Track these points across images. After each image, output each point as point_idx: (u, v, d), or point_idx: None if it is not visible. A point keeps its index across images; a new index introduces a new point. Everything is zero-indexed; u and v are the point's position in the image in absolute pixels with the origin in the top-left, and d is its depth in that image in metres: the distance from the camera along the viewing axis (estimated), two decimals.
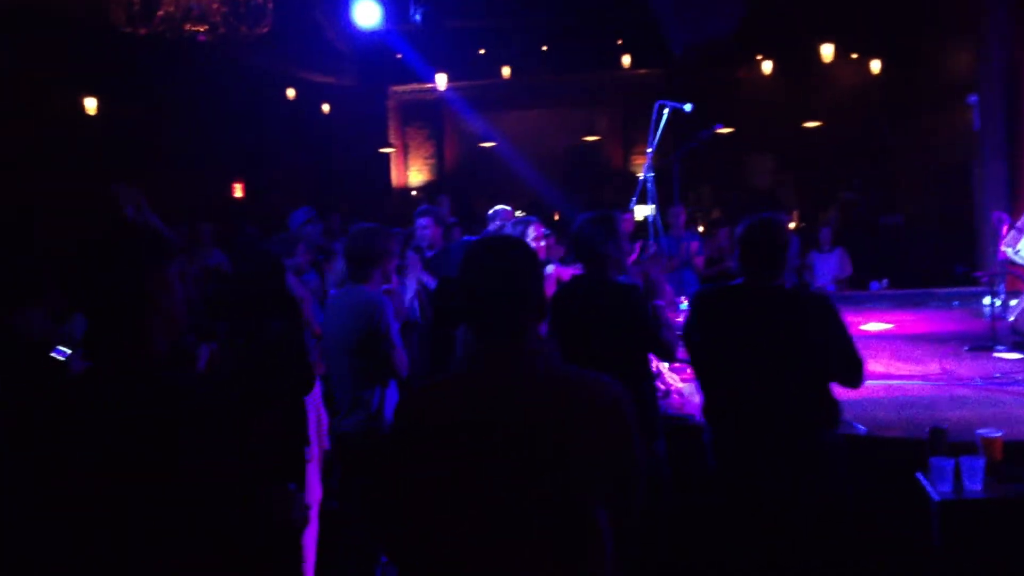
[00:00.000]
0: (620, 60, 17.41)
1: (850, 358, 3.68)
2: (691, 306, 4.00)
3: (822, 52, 14.99)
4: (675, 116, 7.35)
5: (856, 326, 7.75)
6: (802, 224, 14.80)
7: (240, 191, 16.20)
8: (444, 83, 16.14)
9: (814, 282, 10.15)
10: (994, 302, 6.81)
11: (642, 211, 7.96)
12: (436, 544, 2.13)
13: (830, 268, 10.29)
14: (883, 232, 14.11)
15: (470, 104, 17.62)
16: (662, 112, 7.30)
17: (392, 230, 6.00)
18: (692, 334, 3.93)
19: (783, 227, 3.80)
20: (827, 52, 14.99)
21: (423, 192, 18.37)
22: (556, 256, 7.09)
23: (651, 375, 4.32)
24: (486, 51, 17.31)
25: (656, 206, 7.69)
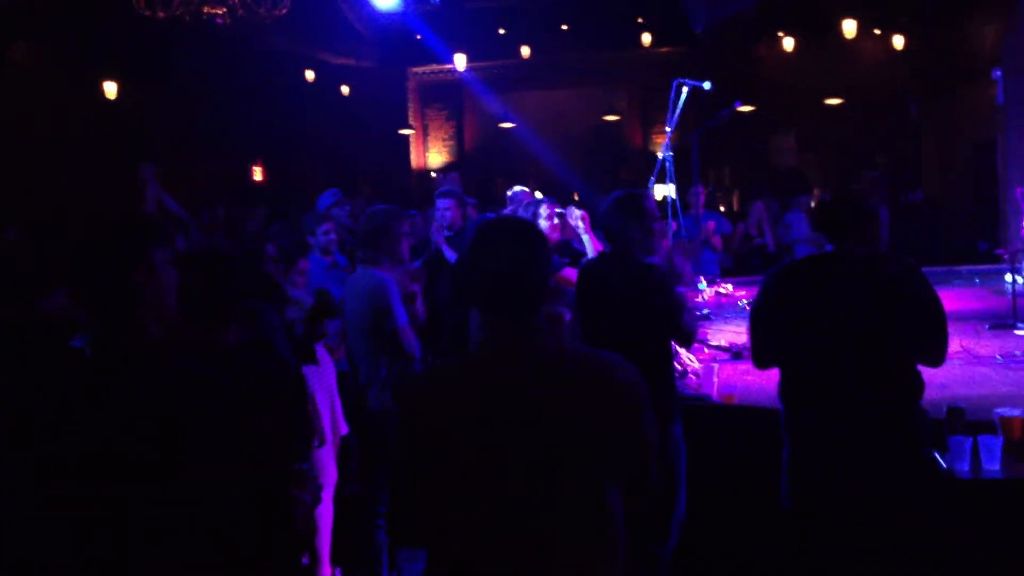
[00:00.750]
0: (640, 38, 17.26)
1: (940, 331, 3.57)
2: (770, 282, 3.70)
3: (844, 28, 14.81)
4: (695, 95, 7.31)
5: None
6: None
7: (259, 174, 16.24)
8: (463, 64, 16.08)
9: None
10: (1016, 279, 6.74)
11: (661, 191, 7.92)
12: (452, 526, 2.15)
13: None
14: (906, 210, 14.00)
15: (489, 84, 17.56)
16: (681, 91, 7.26)
17: (409, 212, 6.01)
18: (770, 311, 3.67)
19: (865, 196, 3.71)
20: (850, 28, 14.81)
21: (442, 173, 18.36)
22: (572, 235, 7.07)
23: (671, 357, 4.30)
24: (505, 31, 17.20)
25: (675, 186, 7.66)
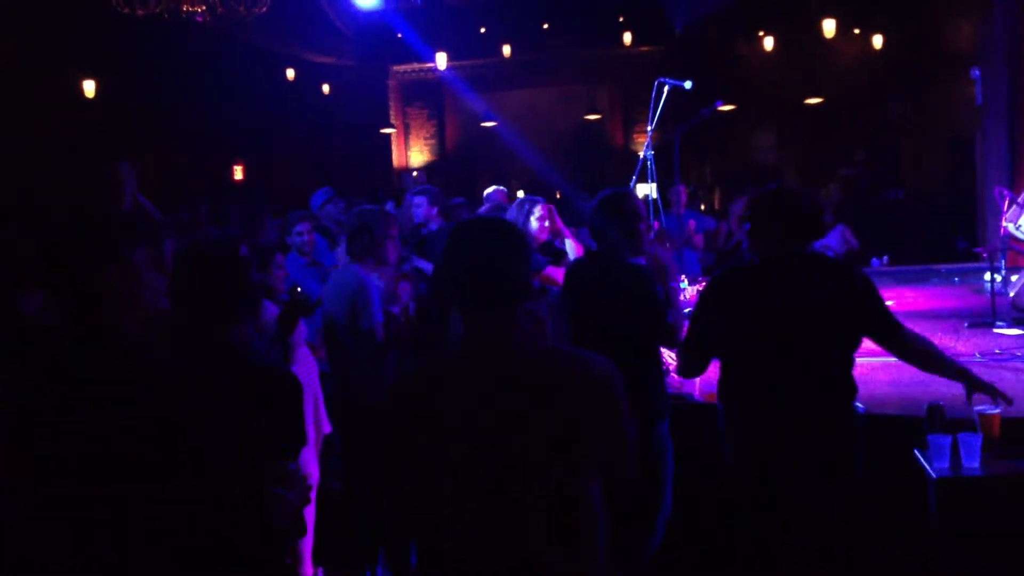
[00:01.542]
0: (621, 37, 17.31)
1: (888, 318, 3.61)
2: (707, 287, 3.75)
3: (824, 27, 14.89)
4: (676, 93, 7.31)
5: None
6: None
7: (240, 172, 16.18)
8: (444, 62, 16.06)
9: None
10: (994, 278, 6.79)
11: (642, 189, 7.93)
12: (437, 521, 2.16)
13: (831, 244, 10.25)
14: (885, 207, 14.07)
15: (471, 83, 17.56)
16: (662, 90, 7.26)
17: (386, 205, 6.01)
18: (706, 312, 3.68)
19: (800, 195, 3.63)
20: (829, 27, 14.88)
21: (424, 172, 18.34)
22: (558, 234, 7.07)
23: (657, 355, 4.29)
24: (486, 30, 17.21)
25: (657, 184, 7.66)
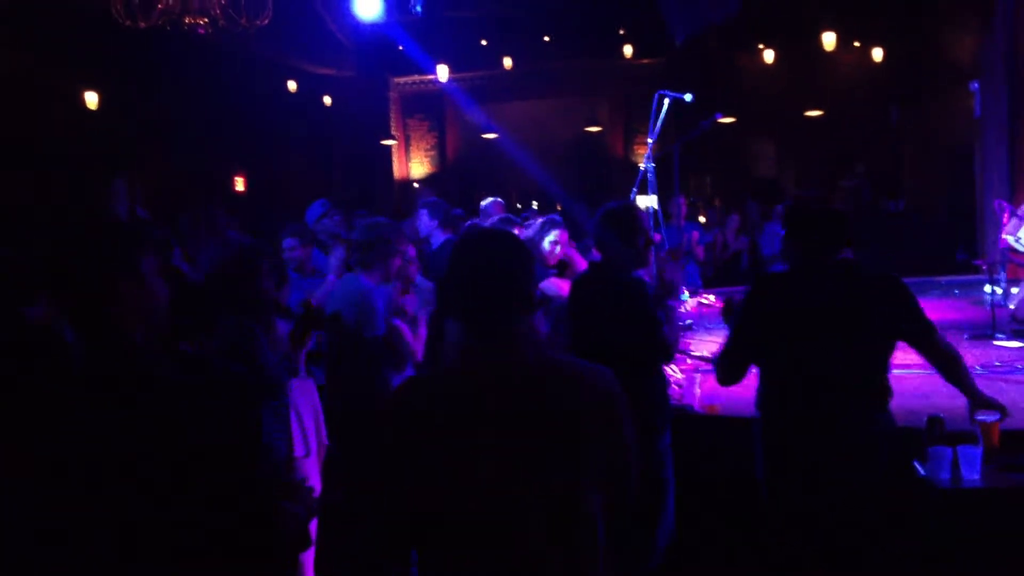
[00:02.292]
0: (621, 50, 17.35)
1: (923, 322, 3.70)
2: (746, 294, 3.69)
3: (824, 40, 14.94)
4: (676, 105, 7.34)
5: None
6: None
7: (241, 184, 16.20)
8: (445, 74, 16.10)
9: None
10: (994, 290, 6.80)
11: (643, 201, 7.95)
12: (438, 533, 2.15)
13: None
14: (885, 219, 14.09)
15: (471, 95, 17.60)
16: (662, 102, 7.29)
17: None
18: (744, 319, 3.65)
19: (833, 205, 3.64)
20: (829, 40, 14.93)
21: (424, 184, 18.36)
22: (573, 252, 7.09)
23: (660, 369, 4.28)
24: (487, 42, 17.25)
25: (657, 196, 7.69)
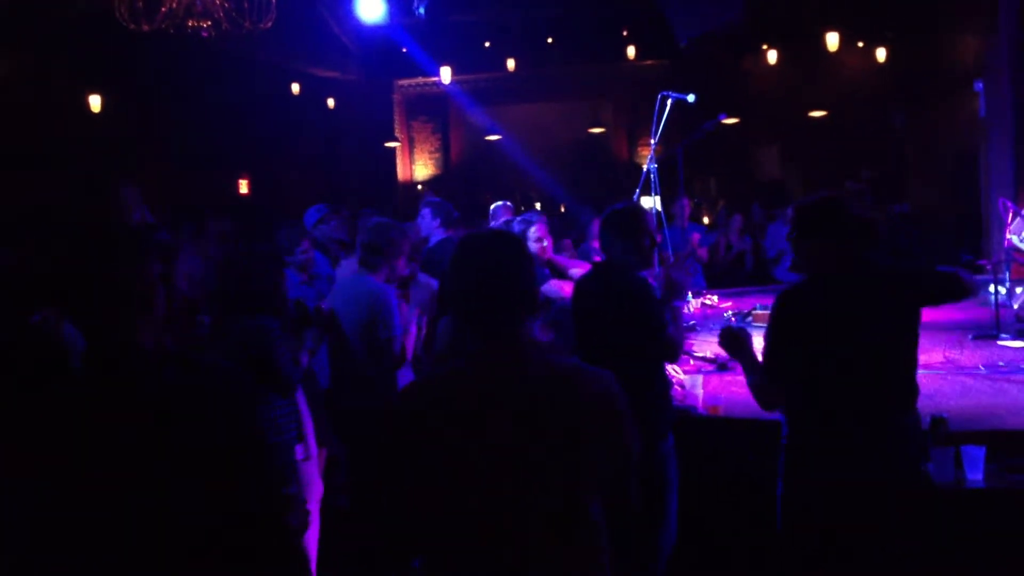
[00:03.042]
0: (625, 51, 17.36)
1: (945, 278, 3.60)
2: (773, 313, 3.54)
3: (828, 41, 14.91)
4: (681, 107, 7.34)
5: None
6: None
7: (245, 187, 16.22)
8: (449, 77, 16.12)
9: None
10: (999, 290, 6.78)
11: (646, 202, 7.95)
12: (440, 536, 2.15)
13: None
14: (890, 220, 14.06)
15: (475, 97, 17.61)
16: (665, 103, 7.29)
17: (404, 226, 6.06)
18: (778, 338, 3.50)
19: (847, 200, 3.54)
20: (833, 41, 14.90)
21: (428, 186, 18.38)
22: (563, 251, 7.11)
23: (660, 370, 4.26)
24: (491, 44, 17.26)
25: (660, 198, 7.69)
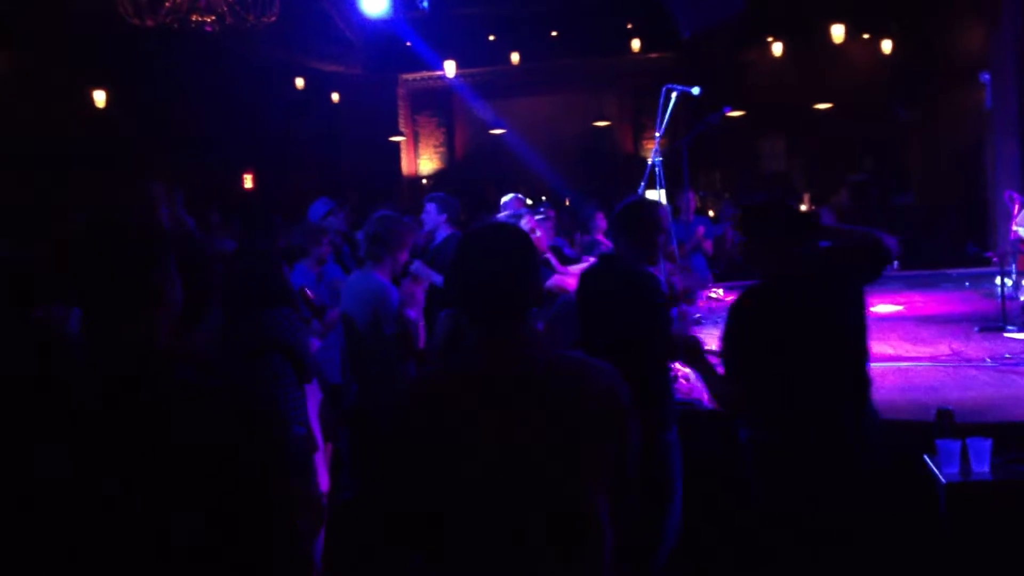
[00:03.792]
0: (630, 44, 17.33)
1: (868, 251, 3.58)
2: (729, 319, 3.55)
3: (833, 33, 14.89)
4: (685, 100, 7.32)
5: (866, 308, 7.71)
6: (813, 207, 14.74)
7: (250, 181, 16.23)
8: (453, 70, 16.09)
9: None
10: (1005, 282, 6.77)
11: (651, 196, 7.94)
12: (439, 532, 2.14)
13: None
14: (894, 213, 14.05)
15: (479, 91, 17.59)
16: (670, 96, 7.28)
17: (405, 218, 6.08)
18: (736, 342, 3.51)
19: (789, 198, 3.56)
20: (838, 33, 14.88)
21: (433, 180, 18.38)
22: (551, 241, 7.11)
23: (663, 363, 4.26)
24: (495, 38, 17.25)
25: (665, 191, 7.67)
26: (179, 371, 1.92)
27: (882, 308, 7.75)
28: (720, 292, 8.35)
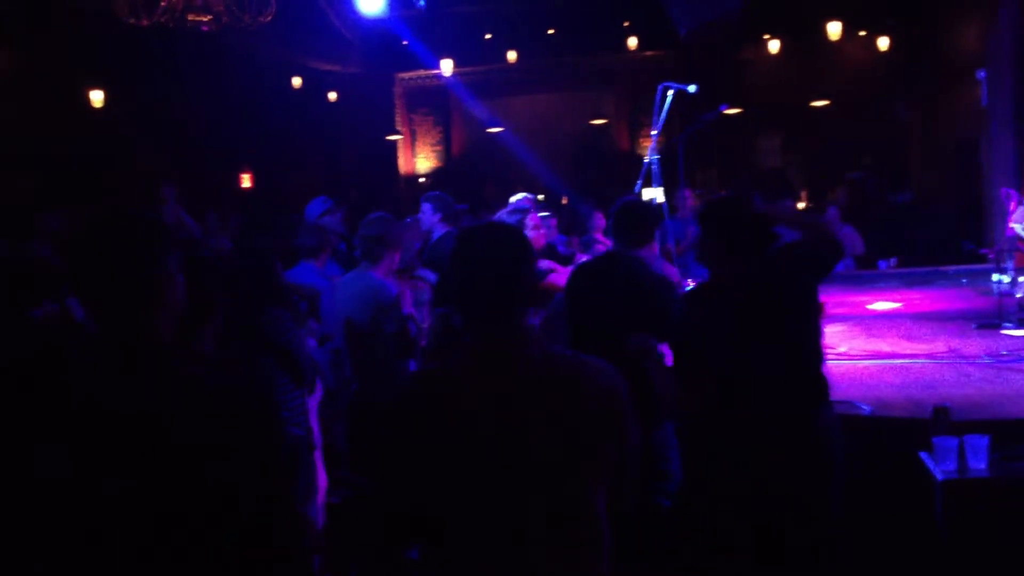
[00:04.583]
0: (627, 42, 17.31)
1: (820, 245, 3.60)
2: (684, 303, 3.76)
3: (829, 30, 14.88)
4: (682, 98, 7.32)
5: (863, 305, 7.72)
6: (811, 204, 14.75)
7: (248, 181, 16.22)
8: (450, 69, 16.09)
9: None
10: (1002, 279, 6.77)
11: (648, 194, 7.94)
12: (439, 530, 2.15)
13: None
14: (893, 210, 14.05)
15: (476, 90, 17.57)
16: (666, 94, 7.28)
17: (405, 221, 6.09)
18: (684, 328, 3.69)
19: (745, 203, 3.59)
20: (835, 30, 14.88)
21: (431, 179, 18.36)
22: (556, 241, 7.11)
23: (662, 355, 4.28)
24: (492, 36, 17.21)
25: (663, 189, 7.67)
26: (182, 368, 1.93)
27: (879, 305, 7.76)
28: None
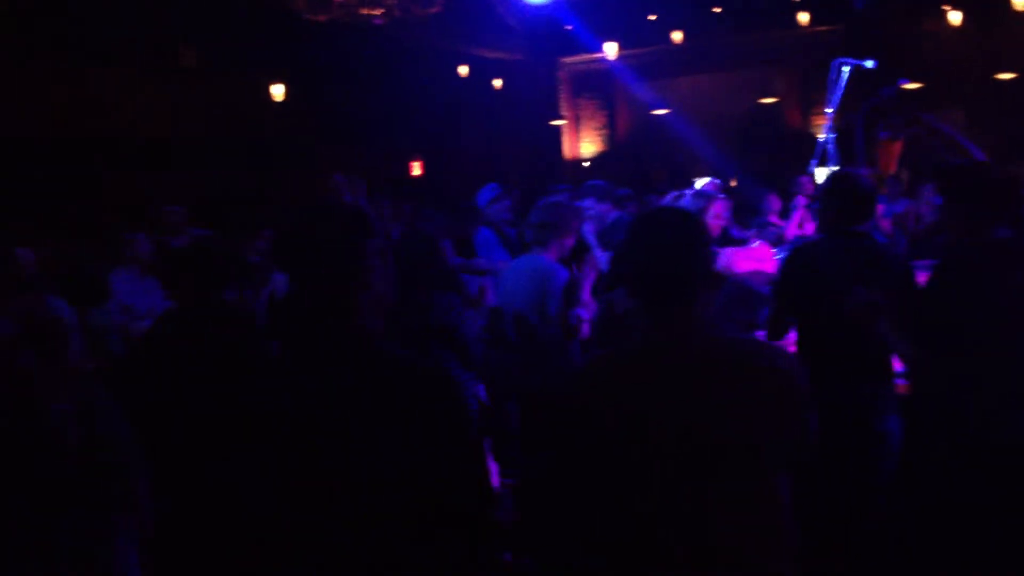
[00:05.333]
0: (797, 18, 16.80)
1: None
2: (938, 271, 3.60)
3: (1014, 0, 14.06)
4: (856, 74, 7.11)
5: None
6: None
7: (418, 169, 16.61)
8: (614, 52, 16.02)
9: None
10: None
11: (823, 174, 7.75)
12: (616, 515, 2.18)
13: None
14: None
15: (641, 72, 17.43)
16: (841, 70, 7.08)
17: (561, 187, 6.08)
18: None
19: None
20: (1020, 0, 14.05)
21: (595, 163, 18.36)
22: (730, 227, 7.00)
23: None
24: (656, 17, 17.02)
25: (838, 168, 7.46)
26: (388, 350, 2.01)
27: None
28: None
